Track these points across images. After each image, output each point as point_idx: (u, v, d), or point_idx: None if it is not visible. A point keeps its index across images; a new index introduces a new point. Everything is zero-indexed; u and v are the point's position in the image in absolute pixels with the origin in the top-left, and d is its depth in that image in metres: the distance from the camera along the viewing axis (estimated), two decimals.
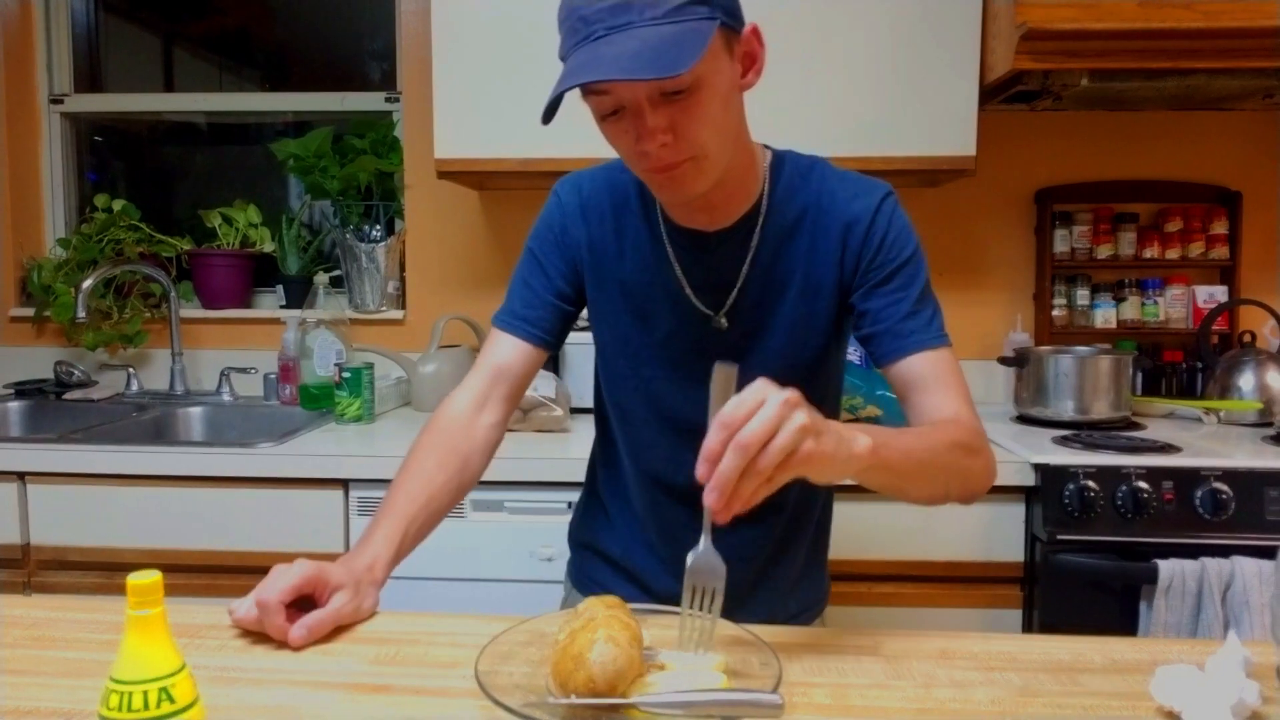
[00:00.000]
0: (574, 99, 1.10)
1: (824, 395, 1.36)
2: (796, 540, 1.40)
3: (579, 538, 1.53)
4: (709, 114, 1.09)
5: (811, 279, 1.27)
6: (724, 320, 1.28)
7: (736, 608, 1.04)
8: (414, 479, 1.22)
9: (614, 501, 1.45)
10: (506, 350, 1.34)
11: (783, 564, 1.39)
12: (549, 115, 1.06)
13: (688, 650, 0.95)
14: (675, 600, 1.36)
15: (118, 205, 2.95)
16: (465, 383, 1.33)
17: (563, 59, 1.10)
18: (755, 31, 1.16)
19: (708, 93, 1.08)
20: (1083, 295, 2.76)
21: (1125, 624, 1.95)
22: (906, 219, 1.27)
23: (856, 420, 2.26)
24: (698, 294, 1.28)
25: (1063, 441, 2.17)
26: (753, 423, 0.85)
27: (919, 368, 1.22)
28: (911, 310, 1.23)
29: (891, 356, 1.23)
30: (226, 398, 2.82)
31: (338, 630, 1.05)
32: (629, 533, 1.42)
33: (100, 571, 2.11)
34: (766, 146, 1.31)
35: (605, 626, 0.87)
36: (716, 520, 0.90)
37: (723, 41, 1.09)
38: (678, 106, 1.07)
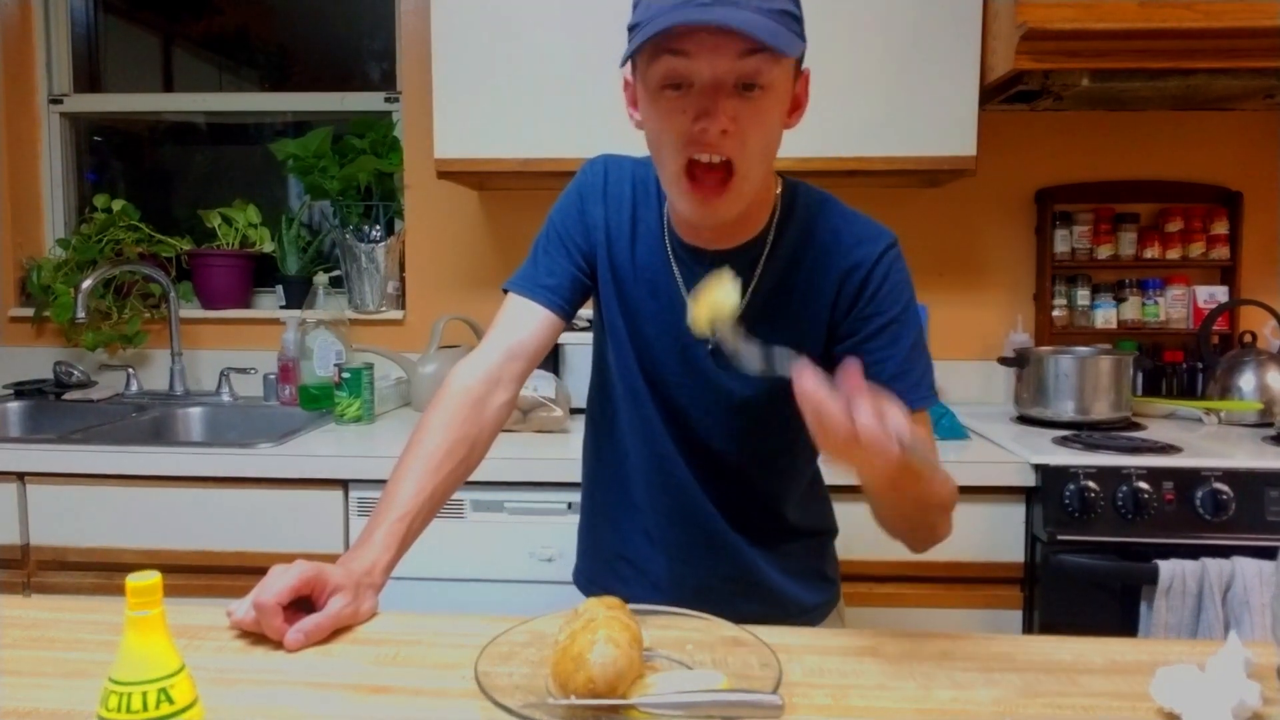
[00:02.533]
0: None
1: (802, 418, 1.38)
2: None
3: (581, 542, 1.54)
4: (767, 122, 1.12)
5: (804, 316, 1.27)
6: (714, 346, 1.28)
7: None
8: (420, 467, 1.20)
9: (609, 495, 1.45)
10: (523, 320, 1.31)
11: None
12: (629, 58, 1.09)
13: None
14: (671, 586, 1.38)
15: (117, 205, 2.95)
16: (479, 354, 1.30)
17: (633, 25, 1.11)
18: (807, 78, 1.19)
19: (773, 101, 1.11)
20: (1083, 295, 2.75)
21: (1126, 624, 1.95)
22: (906, 272, 1.27)
23: None
24: None
25: (1063, 442, 2.17)
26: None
27: None
28: (899, 370, 1.23)
29: None
30: (226, 398, 2.82)
31: (337, 631, 1.05)
32: (628, 523, 1.42)
33: (99, 572, 2.11)
34: (779, 175, 1.31)
35: (605, 627, 0.87)
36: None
37: (794, 66, 1.13)
38: (746, 103, 1.09)
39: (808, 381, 0.90)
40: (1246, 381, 2.46)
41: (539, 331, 1.31)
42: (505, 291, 1.35)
